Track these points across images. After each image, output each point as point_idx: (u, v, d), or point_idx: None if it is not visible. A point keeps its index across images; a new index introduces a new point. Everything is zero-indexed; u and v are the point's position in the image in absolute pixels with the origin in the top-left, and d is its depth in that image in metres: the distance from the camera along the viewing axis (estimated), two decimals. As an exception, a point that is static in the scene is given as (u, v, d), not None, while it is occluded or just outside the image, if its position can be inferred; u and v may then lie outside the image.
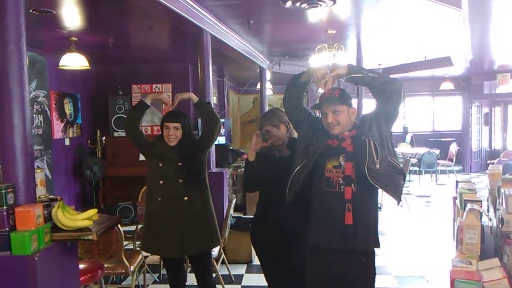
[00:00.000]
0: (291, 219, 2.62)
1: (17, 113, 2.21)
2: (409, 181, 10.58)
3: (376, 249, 2.38)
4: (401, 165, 2.35)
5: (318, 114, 2.53)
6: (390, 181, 2.23)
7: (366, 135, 2.26)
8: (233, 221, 4.92)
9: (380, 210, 7.21)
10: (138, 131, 3.17)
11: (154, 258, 4.73)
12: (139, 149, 3.20)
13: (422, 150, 10.77)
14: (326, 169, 2.29)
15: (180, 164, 3.02)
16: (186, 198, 3.02)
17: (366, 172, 2.19)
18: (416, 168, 10.65)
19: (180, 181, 3.01)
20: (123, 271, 3.63)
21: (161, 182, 3.01)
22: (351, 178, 2.24)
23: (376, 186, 2.22)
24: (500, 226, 2.36)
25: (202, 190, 3.14)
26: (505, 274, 1.98)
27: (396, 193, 2.25)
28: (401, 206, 7.95)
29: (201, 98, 3.36)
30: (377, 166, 2.20)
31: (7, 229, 2.10)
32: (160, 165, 3.02)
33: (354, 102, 3.15)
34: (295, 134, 2.65)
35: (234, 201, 4.58)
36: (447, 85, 11.10)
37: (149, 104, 3.14)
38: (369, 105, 6.61)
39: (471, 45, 6.50)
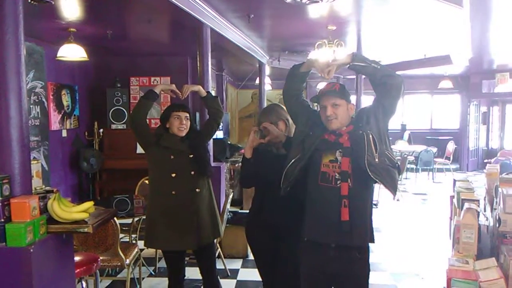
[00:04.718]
0: (285, 216, 2.61)
1: (13, 103, 2.19)
2: (406, 178, 10.60)
3: (371, 246, 2.38)
4: (397, 161, 2.35)
5: (316, 108, 2.51)
6: (388, 175, 2.23)
7: (364, 129, 2.26)
8: (229, 216, 4.92)
9: (376, 207, 7.23)
10: (145, 122, 3.10)
11: (150, 251, 4.73)
12: (143, 141, 3.08)
13: (420, 148, 10.75)
14: (322, 164, 2.29)
15: (191, 156, 3.02)
16: (198, 190, 3.03)
17: (367, 166, 2.18)
18: (413, 166, 10.66)
19: (192, 173, 3.01)
20: (119, 263, 3.64)
21: (173, 175, 2.97)
22: (348, 173, 2.23)
23: (376, 180, 2.21)
24: (497, 225, 2.35)
25: (208, 182, 3.15)
26: (502, 274, 1.98)
27: (393, 186, 2.26)
28: (398, 200, 8.01)
29: (208, 91, 3.40)
30: (376, 160, 2.20)
31: (2, 220, 2.09)
32: (172, 157, 2.98)
33: (353, 98, 3.14)
34: None
35: (231, 196, 4.57)
36: (446, 84, 11.10)
37: (159, 94, 3.09)
38: (367, 102, 6.58)
39: (471, 43, 6.49)
